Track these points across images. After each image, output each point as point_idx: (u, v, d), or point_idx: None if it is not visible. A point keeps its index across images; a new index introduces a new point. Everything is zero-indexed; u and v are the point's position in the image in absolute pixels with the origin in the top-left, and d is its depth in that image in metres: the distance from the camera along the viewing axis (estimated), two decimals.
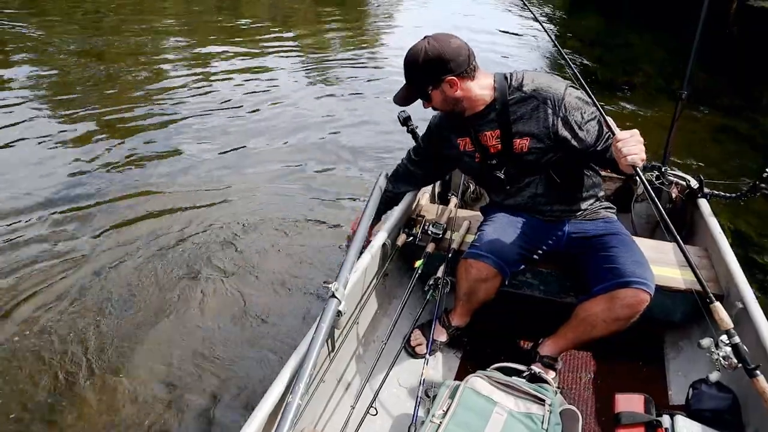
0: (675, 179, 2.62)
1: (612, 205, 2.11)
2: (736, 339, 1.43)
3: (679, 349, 2.16)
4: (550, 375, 1.95)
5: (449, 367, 2.13)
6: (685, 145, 4.68)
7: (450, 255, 2.16)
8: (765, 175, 2.23)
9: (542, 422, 1.61)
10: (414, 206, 2.49)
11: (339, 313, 1.67)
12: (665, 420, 1.58)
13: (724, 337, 1.46)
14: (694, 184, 2.56)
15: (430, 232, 2.25)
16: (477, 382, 1.74)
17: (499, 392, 1.72)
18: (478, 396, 1.69)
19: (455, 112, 1.93)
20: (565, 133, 1.82)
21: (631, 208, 2.69)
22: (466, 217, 2.38)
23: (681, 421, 1.57)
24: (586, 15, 11.83)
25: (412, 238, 2.27)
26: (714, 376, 1.59)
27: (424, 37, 1.84)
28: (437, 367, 2.12)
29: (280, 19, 9.78)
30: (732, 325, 1.46)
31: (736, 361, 1.42)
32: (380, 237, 2.17)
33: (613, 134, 1.59)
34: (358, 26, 9.92)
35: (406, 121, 2.54)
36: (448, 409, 1.66)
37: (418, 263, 2.14)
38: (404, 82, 1.91)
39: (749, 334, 1.76)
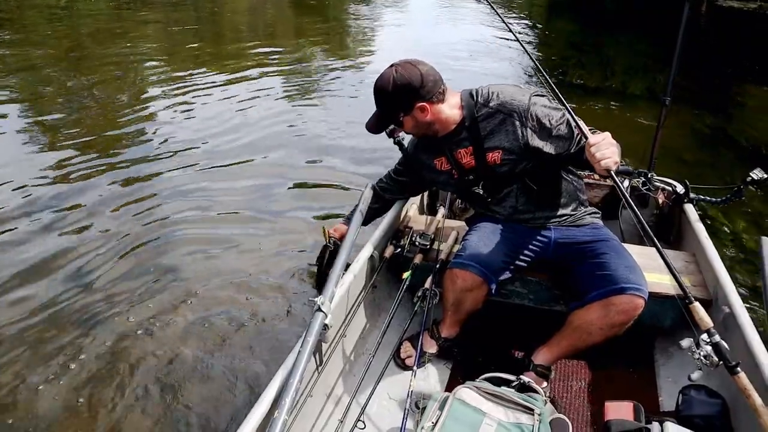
0: (661, 185, 2.64)
1: (597, 211, 2.12)
2: (717, 338, 1.44)
3: (669, 355, 2.16)
4: (543, 384, 1.94)
5: (439, 378, 2.12)
6: (670, 150, 4.71)
7: (438, 266, 2.15)
8: (749, 179, 2.24)
9: None
10: (402, 217, 2.49)
11: (326, 327, 1.66)
12: (655, 427, 1.57)
13: (704, 336, 1.46)
14: (680, 189, 2.57)
15: (417, 243, 2.24)
16: (466, 393, 1.73)
17: (489, 403, 1.70)
18: (467, 407, 1.68)
19: (428, 135, 1.97)
20: (537, 143, 1.84)
21: (619, 215, 2.70)
22: (453, 228, 2.38)
23: (670, 427, 1.56)
24: (564, 23, 11.97)
25: (399, 249, 2.27)
26: (696, 376, 1.59)
27: (392, 65, 1.88)
28: (427, 378, 2.11)
29: (260, 34, 9.84)
30: (712, 324, 1.47)
31: (717, 359, 1.43)
32: (367, 249, 2.17)
33: (586, 138, 1.59)
34: (339, 39, 10.01)
35: (392, 132, 2.55)
36: (437, 421, 1.64)
37: (405, 275, 2.13)
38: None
39: (737, 338, 1.76)
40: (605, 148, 1.54)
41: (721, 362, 1.42)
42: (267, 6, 13.53)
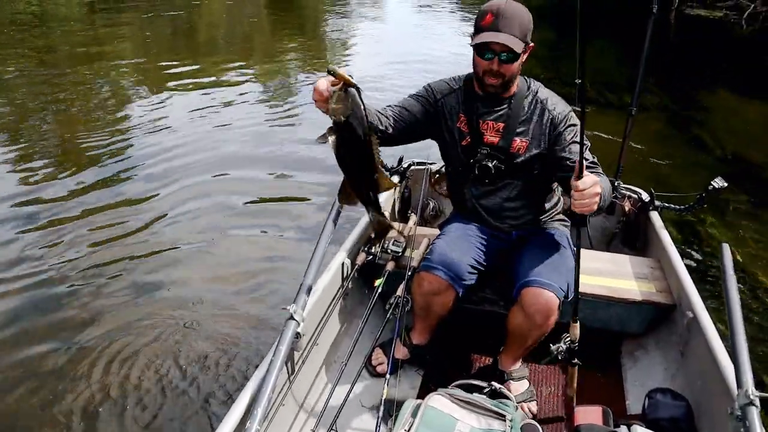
0: (627, 193, 2.69)
1: (565, 218, 2.14)
2: (574, 345, 1.79)
3: (636, 359, 2.20)
4: (511, 388, 1.96)
5: (411, 385, 2.12)
6: (636, 158, 4.82)
7: (410, 273, 2.15)
8: (710, 188, 2.31)
9: None
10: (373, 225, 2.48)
11: (298, 335, 1.65)
12: (622, 431, 1.60)
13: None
14: (645, 197, 2.63)
15: (389, 251, 2.24)
16: (438, 400, 1.73)
17: (461, 410, 1.71)
18: (439, 414, 1.68)
19: (491, 86, 1.82)
20: (556, 147, 1.84)
21: (587, 222, 2.74)
22: (425, 235, 2.39)
23: (638, 430, 1.60)
24: (539, 32, 12.11)
25: (372, 256, 2.26)
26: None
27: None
28: (399, 385, 2.09)
29: (235, 45, 9.79)
30: (578, 336, 1.79)
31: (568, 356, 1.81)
32: (340, 256, 2.16)
33: (579, 176, 1.55)
34: (315, 47, 10.00)
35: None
36: (409, 429, 1.64)
37: (378, 282, 2.12)
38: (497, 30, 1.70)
39: (699, 341, 1.81)
40: (588, 198, 1.55)
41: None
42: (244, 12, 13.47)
